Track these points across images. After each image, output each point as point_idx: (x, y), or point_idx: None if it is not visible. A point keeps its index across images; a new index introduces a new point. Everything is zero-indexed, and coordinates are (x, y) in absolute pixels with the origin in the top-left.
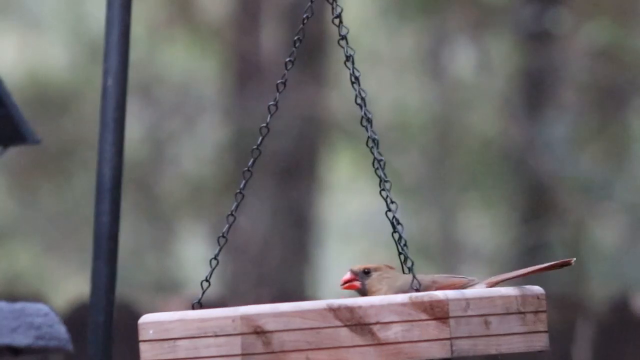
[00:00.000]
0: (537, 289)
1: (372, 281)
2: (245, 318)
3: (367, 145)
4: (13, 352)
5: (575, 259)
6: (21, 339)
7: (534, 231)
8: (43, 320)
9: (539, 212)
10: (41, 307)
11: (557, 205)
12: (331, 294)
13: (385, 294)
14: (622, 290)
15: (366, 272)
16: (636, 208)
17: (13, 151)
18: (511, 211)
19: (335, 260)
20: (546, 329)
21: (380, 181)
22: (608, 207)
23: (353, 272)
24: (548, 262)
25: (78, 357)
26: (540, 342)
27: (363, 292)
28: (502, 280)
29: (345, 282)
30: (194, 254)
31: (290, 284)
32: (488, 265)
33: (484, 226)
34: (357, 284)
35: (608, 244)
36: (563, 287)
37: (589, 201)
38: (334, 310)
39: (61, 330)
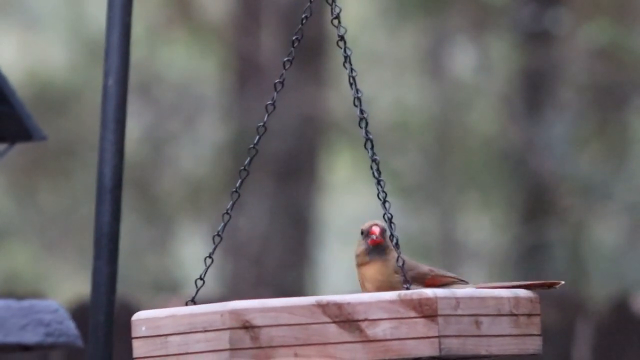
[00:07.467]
0: (530, 292)
1: (387, 242)
2: (233, 313)
3: (365, 147)
4: (22, 348)
5: (563, 282)
6: (30, 337)
7: (534, 231)
8: (52, 316)
9: (539, 212)
10: (50, 303)
11: (557, 205)
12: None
13: (392, 257)
14: (622, 290)
15: (384, 231)
16: (636, 208)
17: (13, 151)
18: (511, 211)
19: (335, 260)
20: (540, 333)
21: (377, 182)
22: (608, 207)
23: (381, 227)
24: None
25: (78, 357)
26: (534, 345)
27: (383, 247)
28: (492, 288)
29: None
30: (193, 254)
31: (290, 284)
32: (488, 265)
33: (483, 226)
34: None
35: (608, 244)
36: (563, 287)
37: (589, 201)
38: (323, 307)
39: (70, 327)
